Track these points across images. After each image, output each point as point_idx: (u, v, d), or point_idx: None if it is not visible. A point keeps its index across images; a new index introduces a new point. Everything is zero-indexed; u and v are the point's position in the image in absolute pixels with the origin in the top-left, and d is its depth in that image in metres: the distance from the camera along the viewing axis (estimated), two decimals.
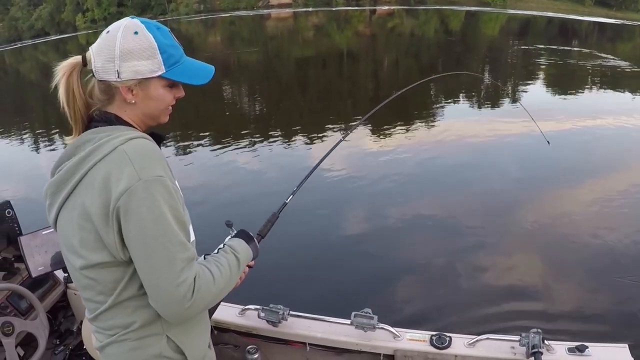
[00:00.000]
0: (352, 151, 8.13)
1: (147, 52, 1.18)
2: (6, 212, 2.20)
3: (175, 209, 1.13)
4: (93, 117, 1.23)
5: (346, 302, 3.78)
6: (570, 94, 12.29)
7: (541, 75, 15.39)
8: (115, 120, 1.22)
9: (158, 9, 74.97)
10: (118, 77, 1.18)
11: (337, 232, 5.49)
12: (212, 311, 1.62)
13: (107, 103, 1.23)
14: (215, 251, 1.39)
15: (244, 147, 8.99)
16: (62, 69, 1.20)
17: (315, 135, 9.39)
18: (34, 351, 2.04)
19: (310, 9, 63.79)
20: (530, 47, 21.45)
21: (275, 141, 9.26)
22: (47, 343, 2.10)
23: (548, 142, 3.12)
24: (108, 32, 1.20)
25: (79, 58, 1.21)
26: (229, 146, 9.03)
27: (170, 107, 1.32)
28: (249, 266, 1.51)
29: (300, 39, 33.00)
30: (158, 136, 1.32)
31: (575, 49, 21.12)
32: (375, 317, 2.18)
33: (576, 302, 3.85)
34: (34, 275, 2.21)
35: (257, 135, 9.79)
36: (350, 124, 9.96)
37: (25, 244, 2.18)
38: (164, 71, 1.21)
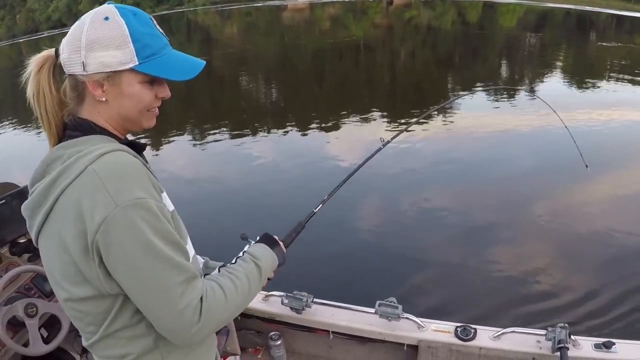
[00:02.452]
0: (371, 145, 8.13)
1: (117, 41, 1.01)
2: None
3: (163, 231, 0.99)
4: (66, 124, 1.08)
5: (370, 291, 3.74)
6: (590, 86, 12.05)
7: (560, 67, 15.14)
8: (90, 128, 1.06)
9: (174, 0, 75.18)
10: (84, 69, 1.02)
11: (362, 223, 5.45)
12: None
13: (79, 102, 1.08)
14: (233, 261, 1.25)
15: (261, 142, 8.87)
16: (32, 63, 1.06)
17: (334, 129, 9.27)
18: (58, 333, 2.05)
19: (327, 0, 63.49)
20: (548, 39, 21.12)
21: (292, 136, 9.14)
22: (71, 326, 2.11)
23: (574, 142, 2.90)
24: (79, 19, 1.05)
25: (52, 51, 1.07)
26: (245, 142, 8.88)
27: (156, 109, 1.13)
28: (269, 278, 1.33)
29: (317, 30, 32.83)
30: (138, 146, 1.13)
31: (595, 41, 20.73)
32: (400, 306, 2.16)
33: (604, 298, 3.77)
34: None
35: (275, 130, 9.68)
36: (368, 115, 9.89)
37: None
38: (137, 63, 1.02)
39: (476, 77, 13.70)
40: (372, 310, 2.21)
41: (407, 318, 2.21)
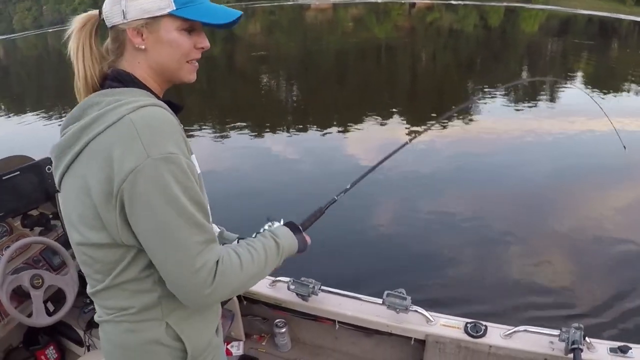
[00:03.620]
0: (392, 143, 8.09)
1: None
2: (46, 168, 2.21)
3: (190, 189, 1.00)
4: (107, 75, 1.09)
5: (380, 281, 3.69)
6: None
7: (584, 72, 14.90)
8: (130, 80, 1.08)
9: None
10: (124, 17, 1.04)
11: (377, 216, 5.43)
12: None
13: (119, 54, 1.09)
14: (253, 235, 1.26)
15: (282, 138, 8.84)
16: (75, 21, 1.08)
17: (354, 128, 9.19)
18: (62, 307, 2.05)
19: (350, 1, 63.48)
20: (572, 44, 20.87)
21: (313, 133, 9.09)
22: (77, 301, 2.10)
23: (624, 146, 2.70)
24: None
25: (95, 11, 1.10)
26: (267, 137, 8.89)
27: (195, 63, 1.14)
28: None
29: (339, 31, 32.81)
30: (175, 106, 1.15)
31: (618, 47, 20.43)
32: (409, 297, 2.11)
33: (623, 301, 3.67)
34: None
35: (296, 126, 9.65)
36: (389, 116, 9.82)
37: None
38: (174, 8, 1.04)
39: (497, 79, 13.54)
40: (380, 301, 2.16)
41: (415, 311, 2.16)
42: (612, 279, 4.06)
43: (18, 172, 2.10)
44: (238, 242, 1.22)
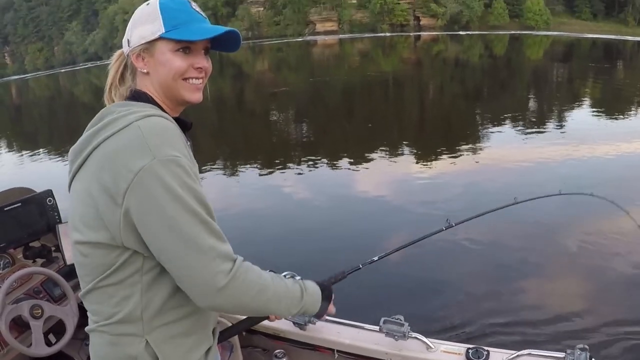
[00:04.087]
0: (395, 172, 8.17)
1: (151, 17, 1.15)
2: (47, 200, 2.26)
3: (195, 190, 1.05)
4: (127, 96, 1.21)
5: (378, 308, 3.66)
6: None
7: (590, 98, 14.93)
8: (144, 97, 1.18)
9: None
10: (129, 45, 1.18)
11: (375, 239, 5.43)
12: (225, 333, 1.48)
13: (133, 79, 1.22)
14: (283, 274, 1.32)
15: (293, 174, 8.69)
16: (115, 55, 1.24)
17: (364, 164, 9.11)
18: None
19: (356, 35, 64.74)
20: (577, 69, 20.95)
21: (323, 171, 8.94)
22: (78, 334, 2.11)
23: None
24: None
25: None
26: (278, 174, 8.75)
27: (195, 81, 1.20)
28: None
29: (346, 66, 33.34)
30: (184, 123, 1.24)
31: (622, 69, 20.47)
32: (406, 324, 2.08)
33: (626, 321, 3.59)
34: (68, 262, 2.23)
35: (307, 163, 9.47)
36: (398, 150, 9.83)
37: (63, 231, 2.22)
38: (164, 31, 1.13)
39: (504, 108, 13.62)
40: (377, 328, 2.14)
41: (415, 338, 2.12)
42: (618, 300, 3.99)
43: (20, 204, 2.15)
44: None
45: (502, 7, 66.91)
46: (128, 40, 1.18)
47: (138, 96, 1.18)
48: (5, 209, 2.12)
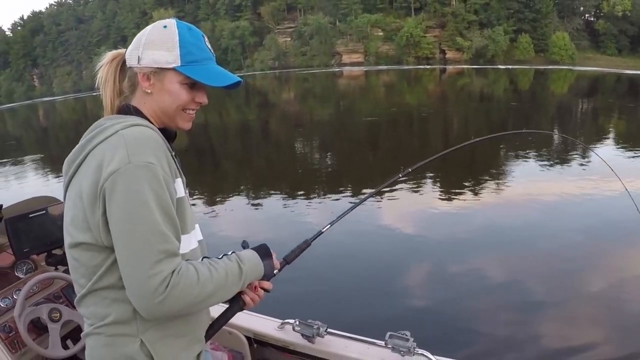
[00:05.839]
0: (415, 203, 8.24)
1: (168, 44, 1.20)
2: None
3: (161, 199, 1.09)
4: (120, 108, 1.26)
5: (388, 324, 3.66)
6: None
7: (617, 131, 14.71)
8: (133, 112, 1.23)
9: (234, 65, 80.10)
10: (138, 62, 1.22)
11: (395, 269, 5.49)
12: (208, 332, 1.42)
13: (132, 92, 1.27)
14: (220, 256, 1.30)
15: (316, 204, 8.66)
16: (107, 56, 1.29)
17: (388, 193, 9.06)
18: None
19: (382, 67, 65.43)
20: (602, 104, 20.71)
21: (347, 199, 8.91)
22: None
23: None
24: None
25: (123, 50, 1.29)
26: (302, 202, 8.76)
27: (191, 112, 1.29)
28: (265, 289, 1.40)
29: (371, 97, 33.59)
30: (169, 133, 1.29)
31: None
32: (412, 339, 2.09)
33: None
34: None
35: (330, 194, 9.39)
36: (421, 182, 9.82)
37: None
38: (179, 64, 1.20)
39: (527, 142, 13.50)
40: (383, 343, 2.15)
41: (421, 354, 2.13)
42: (628, 338, 3.90)
43: (44, 211, 2.27)
44: (202, 259, 1.25)
45: (527, 42, 66.95)
46: (139, 57, 1.22)
47: (129, 111, 1.24)
48: (30, 215, 2.23)
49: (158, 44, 1.21)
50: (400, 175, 2.04)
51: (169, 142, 1.26)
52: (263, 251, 1.38)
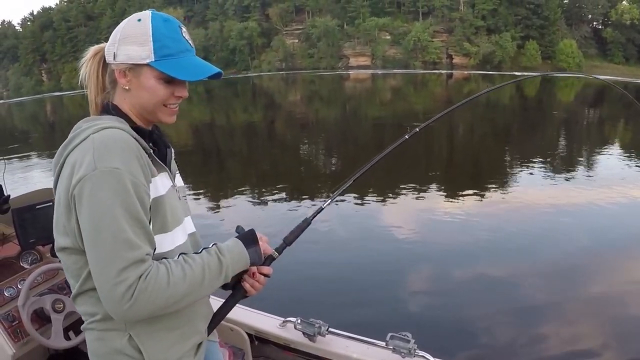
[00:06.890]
0: (420, 206, 8.26)
1: (141, 39, 1.17)
2: None
3: (127, 203, 1.07)
4: (101, 106, 1.26)
5: (389, 325, 3.67)
6: None
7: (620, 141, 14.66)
8: (112, 110, 1.22)
9: (242, 65, 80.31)
10: (114, 58, 1.19)
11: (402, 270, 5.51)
12: (211, 324, 1.40)
13: (113, 89, 1.25)
14: (199, 250, 1.26)
15: (320, 205, 8.57)
16: (89, 51, 1.26)
17: (392, 197, 9.07)
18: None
19: (388, 71, 65.43)
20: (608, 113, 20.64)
21: (352, 202, 8.74)
22: None
23: None
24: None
25: (104, 45, 1.25)
26: (305, 204, 8.72)
27: (173, 107, 1.26)
28: (264, 274, 1.36)
29: (377, 100, 33.55)
30: (143, 131, 1.26)
31: None
32: (412, 341, 2.09)
33: None
34: None
35: (331, 193, 9.34)
36: (426, 187, 9.80)
37: None
38: (153, 59, 1.17)
39: (533, 149, 13.48)
40: (384, 344, 2.15)
41: (422, 356, 2.13)
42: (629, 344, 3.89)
43: (50, 203, 2.28)
44: (179, 257, 1.20)
45: (534, 49, 66.84)
46: (114, 53, 1.19)
47: (109, 110, 1.23)
48: (37, 207, 2.25)
49: (132, 39, 1.17)
50: (407, 137, 2.02)
51: (150, 138, 1.26)
52: (250, 238, 1.32)
